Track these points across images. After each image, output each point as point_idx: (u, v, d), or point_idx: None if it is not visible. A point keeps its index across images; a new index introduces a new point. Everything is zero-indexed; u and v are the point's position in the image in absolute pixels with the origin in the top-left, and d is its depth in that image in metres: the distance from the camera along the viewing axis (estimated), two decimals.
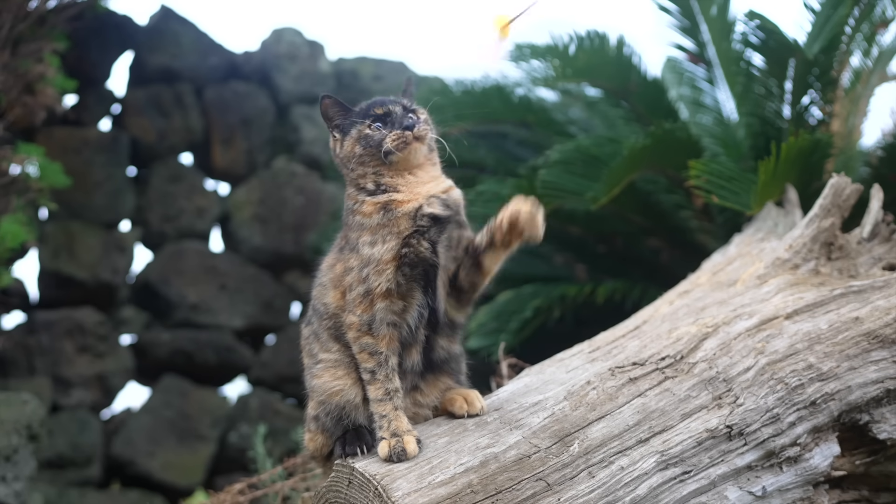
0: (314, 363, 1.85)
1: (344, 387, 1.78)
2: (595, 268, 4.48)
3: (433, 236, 1.75)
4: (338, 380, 1.79)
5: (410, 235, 1.73)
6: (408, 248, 1.73)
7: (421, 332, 1.79)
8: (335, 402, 1.79)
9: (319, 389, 1.81)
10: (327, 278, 1.84)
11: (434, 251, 1.75)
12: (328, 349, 1.82)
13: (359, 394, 1.78)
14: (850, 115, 3.84)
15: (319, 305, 1.85)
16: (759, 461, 1.91)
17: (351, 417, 1.79)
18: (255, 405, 5.77)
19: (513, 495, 1.61)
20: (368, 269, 1.73)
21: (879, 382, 2.08)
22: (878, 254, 2.50)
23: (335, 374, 1.80)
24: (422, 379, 1.83)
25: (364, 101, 1.88)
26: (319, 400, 1.82)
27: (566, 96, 4.83)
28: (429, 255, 1.75)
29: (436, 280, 1.78)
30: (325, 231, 5.46)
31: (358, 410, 1.78)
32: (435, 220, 1.75)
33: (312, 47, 6.56)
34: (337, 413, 1.79)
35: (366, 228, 1.76)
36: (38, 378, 5.23)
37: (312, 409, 1.85)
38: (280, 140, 6.40)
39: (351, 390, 1.78)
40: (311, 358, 1.88)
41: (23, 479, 3.43)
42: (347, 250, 1.79)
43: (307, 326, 1.90)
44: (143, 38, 5.98)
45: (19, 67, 4.05)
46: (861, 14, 3.52)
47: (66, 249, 5.48)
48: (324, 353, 1.83)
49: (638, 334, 2.30)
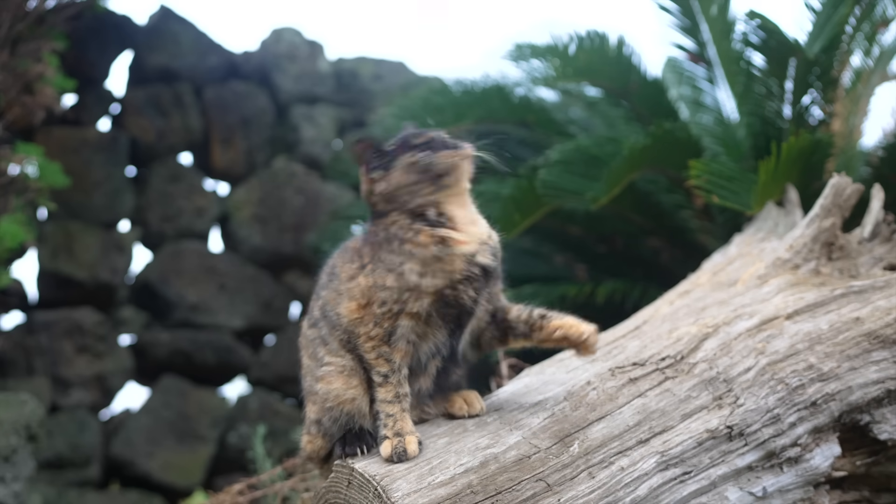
0: (318, 366, 1.81)
1: (357, 395, 1.76)
2: (595, 268, 4.48)
3: (479, 286, 1.73)
4: (352, 389, 1.76)
5: (460, 281, 1.70)
6: (452, 291, 1.71)
7: (433, 366, 1.78)
8: (346, 409, 1.76)
9: (329, 396, 1.78)
10: (345, 287, 1.78)
11: (475, 301, 1.74)
12: (339, 355, 1.79)
13: (369, 403, 1.77)
14: (850, 115, 3.84)
15: (332, 314, 1.80)
16: (760, 462, 1.91)
17: (358, 425, 1.77)
18: (254, 405, 5.77)
19: (513, 496, 1.61)
20: (409, 294, 1.69)
21: (880, 383, 2.07)
22: (878, 254, 2.50)
23: (349, 382, 1.76)
24: (430, 399, 1.83)
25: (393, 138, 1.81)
26: (327, 406, 1.78)
27: (566, 96, 4.83)
28: (470, 303, 1.73)
29: (466, 326, 1.77)
30: (325, 231, 5.46)
31: (366, 420, 1.77)
32: (484, 272, 1.73)
33: (312, 47, 6.57)
34: (345, 420, 1.77)
35: (416, 258, 1.70)
36: (37, 378, 5.23)
37: (315, 414, 1.81)
38: (279, 140, 6.40)
39: (364, 399, 1.76)
40: (314, 360, 1.83)
41: (22, 480, 3.42)
42: (382, 269, 1.72)
43: (312, 328, 1.85)
44: (142, 37, 5.98)
45: (18, 67, 4.05)
46: (862, 14, 3.52)
47: (65, 249, 5.48)
48: (331, 356, 1.79)
49: (638, 334, 2.29)
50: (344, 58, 6.76)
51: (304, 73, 6.47)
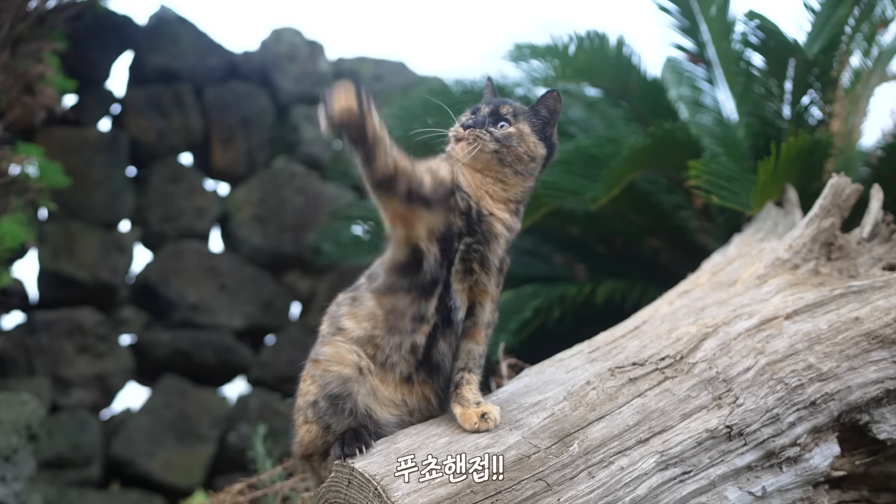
0: (330, 326, 1.88)
1: (357, 362, 1.80)
2: (595, 268, 4.48)
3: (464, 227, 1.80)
4: (354, 355, 1.80)
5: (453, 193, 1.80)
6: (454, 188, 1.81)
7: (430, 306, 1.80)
8: (344, 374, 1.79)
9: (329, 355, 1.81)
10: None
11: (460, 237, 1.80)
12: (358, 318, 1.84)
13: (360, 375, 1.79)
14: (849, 115, 3.85)
15: (378, 266, 1.89)
16: (759, 461, 1.91)
17: (352, 397, 1.78)
18: (254, 405, 5.77)
19: (512, 495, 1.61)
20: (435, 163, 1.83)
21: (879, 382, 2.08)
22: (878, 254, 2.50)
23: (355, 350, 1.81)
24: (416, 372, 1.83)
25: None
26: (322, 370, 1.81)
27: (566, 96, 4.83)
28: (455, 233, 1.80)
29: (450, 269, 1.80)
30: (325, 231, 5.47)
31: (359, 385, 1.79)
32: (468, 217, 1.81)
33: (312, 47, 6.57)
34: (337, 386, 1.78)
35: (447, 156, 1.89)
36: (37, 378, 5.23)
37: (312, 395, 1.82)
38: (280, 140, 6.40)
39: (360, 364, 1.80)
40: (330, 322, 1.90)
41: (22, 480, 3.43)
42: None
43: (346, 293, 1.93)
44: (142, 38, 5.98)
45: (19, 67, 4.05)
46: (861, 14, 3.52)
47: (66, 249, 5.48)
48: (351, 320, 1.85)
49: (638, 334, 2.30)
50: (344, 58, 6.76)
51: (305, 73, 6.47)
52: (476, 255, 1.83)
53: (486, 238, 1.83)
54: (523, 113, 1.90)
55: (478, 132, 1.84)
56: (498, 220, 1.85)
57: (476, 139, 1.84)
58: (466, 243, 1.81)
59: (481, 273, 1.84)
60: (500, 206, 1.86)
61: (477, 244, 1.82)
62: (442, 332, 1.82)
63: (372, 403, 1.81)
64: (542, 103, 1.92)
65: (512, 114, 1.88)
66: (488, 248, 1.83)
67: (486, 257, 1.84)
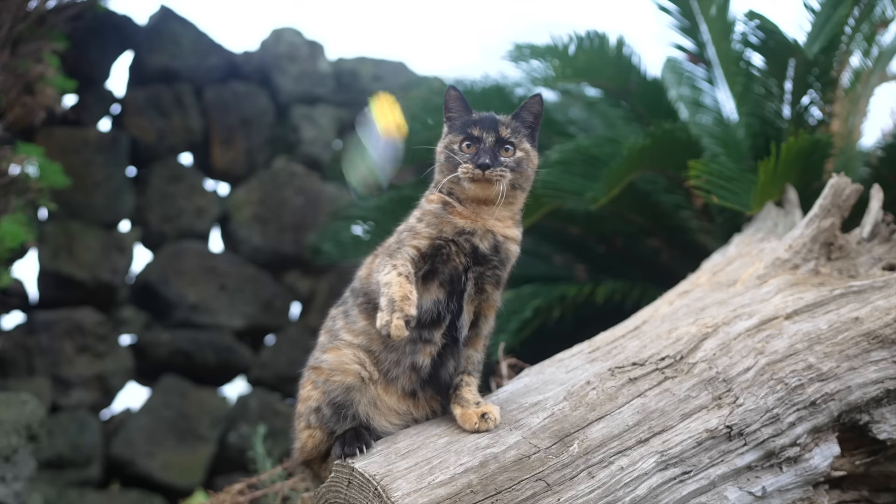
0: (330, 340, 1.90)
1: (359, 370, 1.81)
2: (595, 268, 4.48)
3: (469, 262, 1.83)
4: (356, 363, 1.82)
5: (446, 243, 1.82)
6: (442, 243, 1.82)
7: (437, 335, 1.82)
8: (347, 382, 1.81)
9: (331, 364, 1.83)
10: (367, 260, 1.94)
11: (466, 271, 1.83)
12: (353, 331, 1.86)
13: (363, 384, 1.81)
14: (849, 115, 3.85)
15: (356, 282, 1.93)
16: (759, 461, 1.91)
17: (353, 404, 1.80)
18: (254, 405, 5.77)
19: (512, 495, 1.61)
20: (408, 233, 1.85)
21: (879, 382, 2.08)
22: (877, 254, 2.50)
23: (356, 356, 1.83)
24: (422, 389, 1.84)
25: (477, 111, 1.92)
26: (325, 378, 1.83)
27: (566, 96, 4.83)
28: (461, 269, 1.83)
29: (462, 296, 1.83)
30: (325, 231, 5.46)
31: (361, 394, 1.80)
32: (475, 252, 1.83)
33: (312, 47, 6.56)
34: (339, 394, 1.80)
35: (423, 210, 1.89)
36: (37, 378, 5.23)
37: (315, 401, 1.84)
38: (280, 140, 6.40)
39: (361, 374, 1.82)
40: (329, 335, 1.92)
41: (22, 480, 3.42)
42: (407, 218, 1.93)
43: (337, 307, 1.97)
44: (142, 38, 5.98)
45: (19, 67, 4.05)
46: (861, 14, 3.52)
47: (66, 249, 5.48)
48: (348, 332, 1.87)
49: (638, 334, 2.30)
50: (344, 58, 6.76)
51: (304, 73, 6.47)
52: (491, 278, 1.86)
53: (503, 262, 1.87)
54: (515, 127, 1.89)
55: (498, 172, 1.83)
56: (511, 241, 1.88)
57: (499, 179, 1.83)
58: (478, 272, 1.84)
59: (493, 291, 1.88)
60: (509, 223, 1.89)
61: (491, 269, 1.86)
62: (451, 351, 1.85)
63: (372, 412, 1.82)
64: (526, 108, 1.92)
65: (511, 133, 1.88)
66: (504, 270, 1.88)
67: (500, 277, 1.88)
